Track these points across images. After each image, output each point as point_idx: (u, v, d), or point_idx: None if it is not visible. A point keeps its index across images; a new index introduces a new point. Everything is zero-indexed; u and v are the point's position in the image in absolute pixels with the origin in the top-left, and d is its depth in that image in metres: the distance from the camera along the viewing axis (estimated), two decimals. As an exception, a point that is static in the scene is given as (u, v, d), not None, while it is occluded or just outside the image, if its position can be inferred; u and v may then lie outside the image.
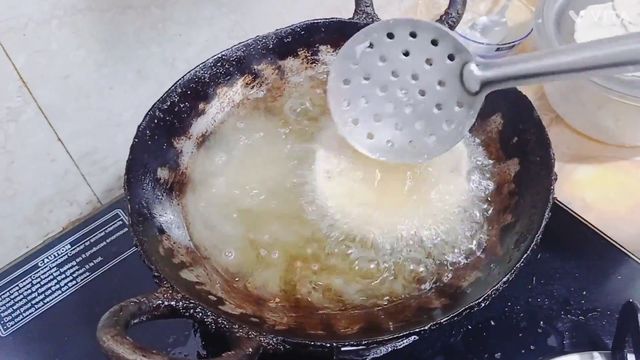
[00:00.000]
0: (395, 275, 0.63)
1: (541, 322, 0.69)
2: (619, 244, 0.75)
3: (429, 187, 0.68)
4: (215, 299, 0.58)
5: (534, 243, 0.57)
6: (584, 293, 0.71)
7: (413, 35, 0.63)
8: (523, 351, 0.67)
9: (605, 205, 0.84)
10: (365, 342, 0.52)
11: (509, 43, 0.99)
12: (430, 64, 0.64)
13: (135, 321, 0.50)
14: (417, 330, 0.52)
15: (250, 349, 0.50)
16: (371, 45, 0.65)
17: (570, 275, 0.73)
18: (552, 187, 0.61)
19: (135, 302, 0.51)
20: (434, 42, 0.63)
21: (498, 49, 0.99)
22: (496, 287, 0.54)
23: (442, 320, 0.52)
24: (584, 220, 0.78)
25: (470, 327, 0.69)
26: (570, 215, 0.79)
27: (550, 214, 0.59)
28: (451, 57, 0.62)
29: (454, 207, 0.67)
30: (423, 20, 0.63)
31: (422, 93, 0.65)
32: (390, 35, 0.64)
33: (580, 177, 0.87)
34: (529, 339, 0.68)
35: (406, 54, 0.64)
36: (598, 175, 0.87)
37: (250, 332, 0.51)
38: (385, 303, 0.61)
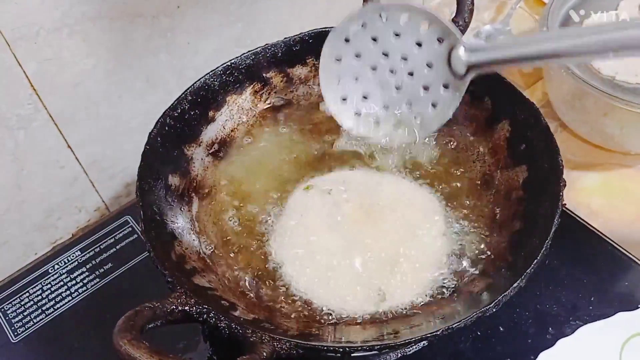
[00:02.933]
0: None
1: (550, 328, 0.69)
2: (625, 250, 0.76)
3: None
4: (227, 304, 0.59)
5: (543, 249, 0.57)
6: (592, 299, 0.72)
7: (405, 18, 0.65)
8: (532, 357, 0.67)
9: (611, 212, 0.84)
10: (378, 347, 0.53)
11: (514, 51, 0.99)
12: (420, 46, 0.65)
13: (150, 326, 0.51)
14: (430, 334, 0.53)
15: (264, 354, 0.51)
16: (364, 25, 0.66)
17: (578, 281, 0.73)
18: (561, 194, 0.61)
19: (150, 307, 0.52)
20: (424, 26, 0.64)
21: (502, 57, 1.00)
22: (507, 292, 0.54)
23: (454, 325, 0.53)
24: (591, 226, 0.78)
25: (479, 333, 0.69)
26: (577, 221, 0.79)
27: (559, 220, 0.59)
28: (440, 40, 0.63)
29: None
30: (415, 4, 0.65)
31: (411, 74, 0.66)
32: (383, 17, 0.65)
33: (585, 185, 0.87)
34: (537, 345, 0.68)
35: (397, 35, 0.65)
36: (603, 183, 0.88)
37: (264, 337, 0.52)
38: (397, 309, 0.62)
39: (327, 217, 0.70)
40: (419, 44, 0.65)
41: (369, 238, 0.68)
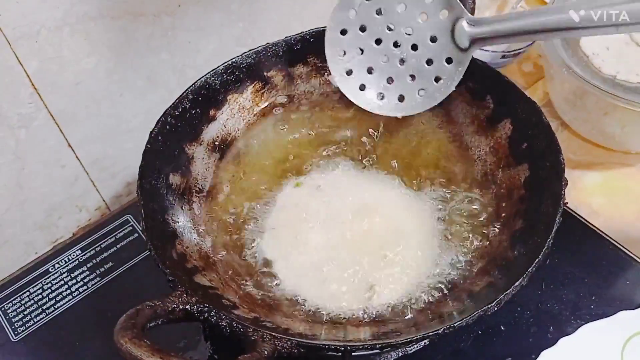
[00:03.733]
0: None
1: (551, 327, 0.69)
2: (627, 249, 0.76)
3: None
4: (228, 303, 0.59)
5: (545, 248, 0.57)
6: (593, 298, 0.72)
7: None
8: (533, 356, 0.67)
9: (612, 211, 0.84)
10: (379, 345, 0.53)
11: (515, 50, 0.99)
12: (424, 19, 0.66)
13: (151, 324, 0.51)
14: (431, 333, 0.53)
15: (265, 352, 0.51)
16: None
17: (579, 280, 0.73)
18: (562, 193, 0.61)
19: (151, 305, 0.52)
20: None
21: (503, 57, 1.00)
22: (508, 291, 0.54)
23: (455, 324, 0.52)
24: (592, 225, 0.78)
25: (480, 332, 0.69)
26: (578, 220, 0.79)
27: (561, 219, 0.59)
28: (444, 14, 0.65)
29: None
30: None
31: (415, 48, 0.68)
32: None
33: (586, 184, 0.87)
34: (539, 343, 0.68)
35: (402, 8, 0.67)
36: (604, 182, 0.88)
37: (265, 335, 0.52)
38: (393, 308, 0.62)
39: (316, 214, 0.70)
40: (424, 17, 0.66)
41: (360, 235, 0.68)
